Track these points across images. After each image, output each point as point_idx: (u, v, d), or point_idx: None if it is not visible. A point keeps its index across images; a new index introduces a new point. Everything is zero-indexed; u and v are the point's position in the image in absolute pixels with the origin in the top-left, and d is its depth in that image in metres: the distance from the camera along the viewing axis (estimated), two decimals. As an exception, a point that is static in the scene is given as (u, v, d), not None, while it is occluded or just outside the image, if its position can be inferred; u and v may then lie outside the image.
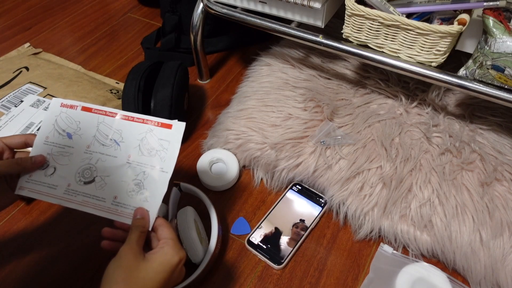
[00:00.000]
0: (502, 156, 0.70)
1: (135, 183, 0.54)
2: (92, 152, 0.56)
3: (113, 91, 0.92)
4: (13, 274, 0.65)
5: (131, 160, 0.55)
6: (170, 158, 0.55)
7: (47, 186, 0.55)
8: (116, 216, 0.53)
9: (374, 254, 0.66)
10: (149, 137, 0.56)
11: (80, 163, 0.56)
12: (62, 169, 0.56)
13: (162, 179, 0.54)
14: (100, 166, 0.55)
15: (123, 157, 0.55)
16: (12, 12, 1.25)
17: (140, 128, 0.56)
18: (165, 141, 0.56)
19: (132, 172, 0.55)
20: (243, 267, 0.66)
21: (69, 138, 0.57)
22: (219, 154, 0.79)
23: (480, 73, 0.59)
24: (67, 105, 0.58)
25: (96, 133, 0.57)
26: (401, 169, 0.70)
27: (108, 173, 0.55)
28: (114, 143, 0.56)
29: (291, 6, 0.72)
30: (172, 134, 0.56)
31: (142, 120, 0.57)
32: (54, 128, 0.58)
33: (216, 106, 0.94)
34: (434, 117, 0.79)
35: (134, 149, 0.56)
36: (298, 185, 0.75)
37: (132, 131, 0.56)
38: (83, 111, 0.58)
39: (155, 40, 1.10)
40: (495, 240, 0.61)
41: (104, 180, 0.55)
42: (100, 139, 0.57)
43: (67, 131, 0.57)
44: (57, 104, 0.58)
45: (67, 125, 0.58)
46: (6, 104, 0.83)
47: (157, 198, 0.53)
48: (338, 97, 0.84)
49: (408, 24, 0.60)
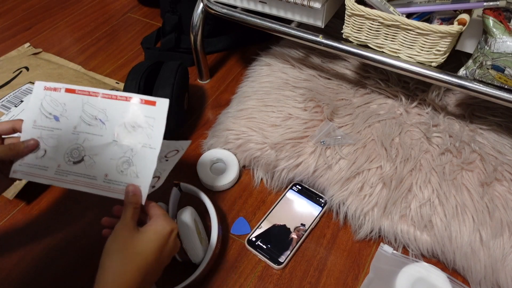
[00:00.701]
0: (502, 156, 0.70)
1: (123, 161, 0.55)
2: (78, 132, 0.57)
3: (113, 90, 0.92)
4: (13, 274, 0.65)
5: (118, 138, 0.56)
6: (157, 135, 0.55)
7: (38, 168, 0.56)
8: (108, 192, 0.54)
9: (374, 254, 0.66)
10: (133, 114, 0.56)
11: (67, 144, 0.57)
12: (52, 151, 0.57)
13: (151, 155, 0.54)
14: (87, 145, 0.56)
15: (109, 136, 0.56)
16: (12, 12, 1.25)
17: (125, 106, 0.57)
18: (150, 118, 0.55)
19: (120, 149, 0.55)
20: (243, 267, 0.66)
21: (56, 120, 0.58)
22: (219, 154, 0.79)
23: (480, 73, 0.59)
24: (51, 88, 0.58)
25: (82, 113, 0.57)
26: (401, 169, 0.70)
27: (96, 151, 0.56)
28: (99, 123, 0.57)
29: (291, 6, 0.72)
30: (156, 111, 0.56)
31: (125, 98, 0.57)
32: (41, 111, 0.58)
33: (216, 106, 0.94)
34: (434, 117, 0.79)
35: (120, 127, 0.56)
36: (298, 185, 0.75)
37: (117, 109, 0.57)
38: (67, 93, 0.58)
39: (155, 40, 1.10)
40: (495, 240, 0.61)
41: (93, 158, 0.56)
42: (86, 120, 0.57)
43: (53, 114, 0.58)
44: (41, 88, 0.58)
45: (53, 108, 0.58)
46: (6, 104, 0.83)
47: (147, 174, 0.54)
48: (338, 97, 0.84)
49: (408, 24, 0.60)
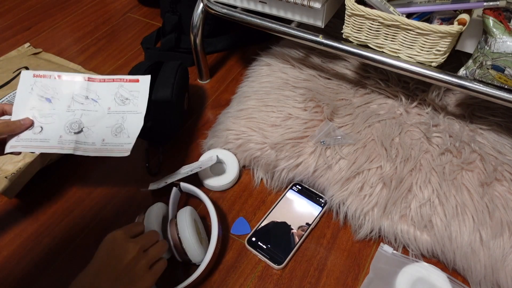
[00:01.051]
0: (502, 156, 0.70)
1: (117, 127, 0.64)
2: (74, 110, 0.64)
3: (113, 91, 0.92)
4: (13, 274, 0.65)
5: (111, 111, 0.65)
6: (142, 102, 0.66)
7: (39, 141, 0.62)
8: (107, 152, 0.62)
9: (374, 254, 0.66)
10: (121, 91, 0.67)
11: (66, 119, 0.64)
12: (49, 127, 0.63)
13: (138, 118, 0.65)
14: (85, 119, 0.64)
15: (103, 110, 0.65)
16: (12, 12, 1.25)
17: (112, 86, 0.67)
18: (135, 92, 0.67)
19: (113, 118, 0.65)
20: (243, 267, 0.66)
21: (48, 102, 0.64)
22: (219, 154, 0.79)
23: (480, 73, 0.59)
24: (40, 75, 0.65)
25: (73, 95, 0.65)
26: (401, 169, 0.70)
27: (93, 123, 0.64)
28: (92, 101, 0.66)
29: (291, 6, 0.72)
30: (140, 86, 0.67)
31: (112, 79, 0.67)
32: (32, 95, 0.64)
33: (216, 106, 0.94)
34: (434, 117, 0.79)
35: (111, 102, 0.66)
36: (298, 185, 0.75)
37: (106, 89, 0.66)
38: (57, 79, 0.65)
39: (155, 40, 1.10)
40: (495, 240, 0.61)
41: (91, 129, 0.64)
42: (78, 100, 0.65)
43: (45, 97, 0.64)
44: (30, 75, 0.64)
45: (44, 92, 0.64)
46: (7, 103, 0.83)
47: (136, 132, 0.64)
48: (338, 97, 0.84)
49: (408, 24, 0.60)
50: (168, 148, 0.84)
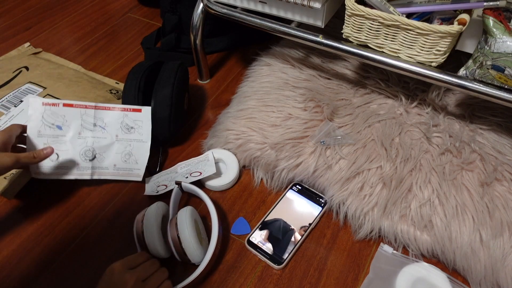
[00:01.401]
0: (502, 156, 0.70)
1: (125, 153, 0.75)
2: (85, 137, 0.72)
3: (112, 91, 0.92)
4: (13, 274, 0.65)
5: (119, 138, 0.74)
6: (146, 131, 0.76)
7: (59, 168, 0.70)
8: (120, 177, 0.75)
9: (374, 254, 0.66)
10: (126, 119, 0.74)
11: (79, 146, 0.71)
12: (65, 154, 0.71)
13: (145, 147, 0.76)
14: (96, 146, 0.73)
15: (112, 137, 0.74)
16: (12, 12, 1.25)
17: (118, 114, 0.74)
18: (139, 121, 0.75)
19: (122, 145, 0.74)
20: (243, 267, 0.66)
21: (59, 129, 0.70)
22: (219, 154, 0.79)
23: (480, 73, 0.59)
24: (49, 103, 0.69)
25: (82, 122, 0.71)
26: (401, 169, 0.70)
27: (104, 150, 0.73)
28: (100, 128, 0.73)
29: (291, 6, 0.72)
30: (143, 116, 0.75)
31: (116, 108, 0.74)
32: (43, 123, 0.69)
33: (216, 106, 0.94)
34: (434, 117, 0.79)
35: (118, 130, 0.74)
36: (298, 185, 0.75)
37: (112, 117, 0.74)
38: (65, 107, 0.70)
39: (155, 40, 1.10)
40: (495, 240, 0.61)
41: (103, 155, 0.73)
42: (87, 127, 0.72)
43: (56, 124, 0.70)
44: (39, 103, 0.69)
45: (54, 119, 0.70)
46: (6, 104, 0.83)
47: (144, 160, 0.76)
48: (338, 97, 0.84)
49: (408, 24, 0.60)
50: (168, 148, 0.84)
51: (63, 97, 0.85)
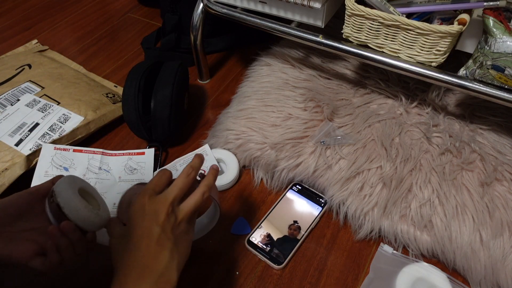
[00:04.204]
0: (502, 156, 0.70)
1: None
2: (89, 178, 0.74)
3: (109, 95, 0.91)
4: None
5: (121, 179, 0.75)
6: (148, 172, 0.77)
7: None
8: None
9: (374, 254, 0.66)
10: (130, 162, 0.78)
11: None
12: None
13: None
14: (98, 186, 0.73)
15: (114, 178, 0.75)
16: (12, 12, 1.26)
17: (123, 159, 0.78)
18: (142, 163, 0.78)
19: (124, 186, 0.74)
20: (243, 267, 0.66)
21: (65, 170, 0.73)
22: (219, 154, 0.79)
23: (480, 73, 0.59)
24: (60, 148, 0.75)
25: (88, 165, 0.75)
26: (401, 169, 0.70)
27: (105, 190, 0.73)
28: (104, 171, 0.76)
29: (291, 6, 0.72)
30: (146, 158, 0.79)
31: (122, 153, 0.79)
32: (52, 164, 0.73)
33: (216, 106, 0.94)
34: (434, 117, 0.79)
35: (121, 172, 0.76)
36: (298, 185, 0.75)
37: (116, 161, 0.78)
38: (75, 152, 0.76)
39: (155, 40, 1.10)
40: (495, 240, 0.61)
41: (104, 195, 0.72)
42: (92, 170, 0.75)
43: (63, 166, 0.74)
44: (51, 148, 0.75)
45: (62, 162, 0.74)
46: (3, 102, 0.82)
47: None
48: (338, 97, 0.84)
49: (408, 24, 0.60)
50: (168, 148, 0.84)
51: (59, 97, 0.85)
